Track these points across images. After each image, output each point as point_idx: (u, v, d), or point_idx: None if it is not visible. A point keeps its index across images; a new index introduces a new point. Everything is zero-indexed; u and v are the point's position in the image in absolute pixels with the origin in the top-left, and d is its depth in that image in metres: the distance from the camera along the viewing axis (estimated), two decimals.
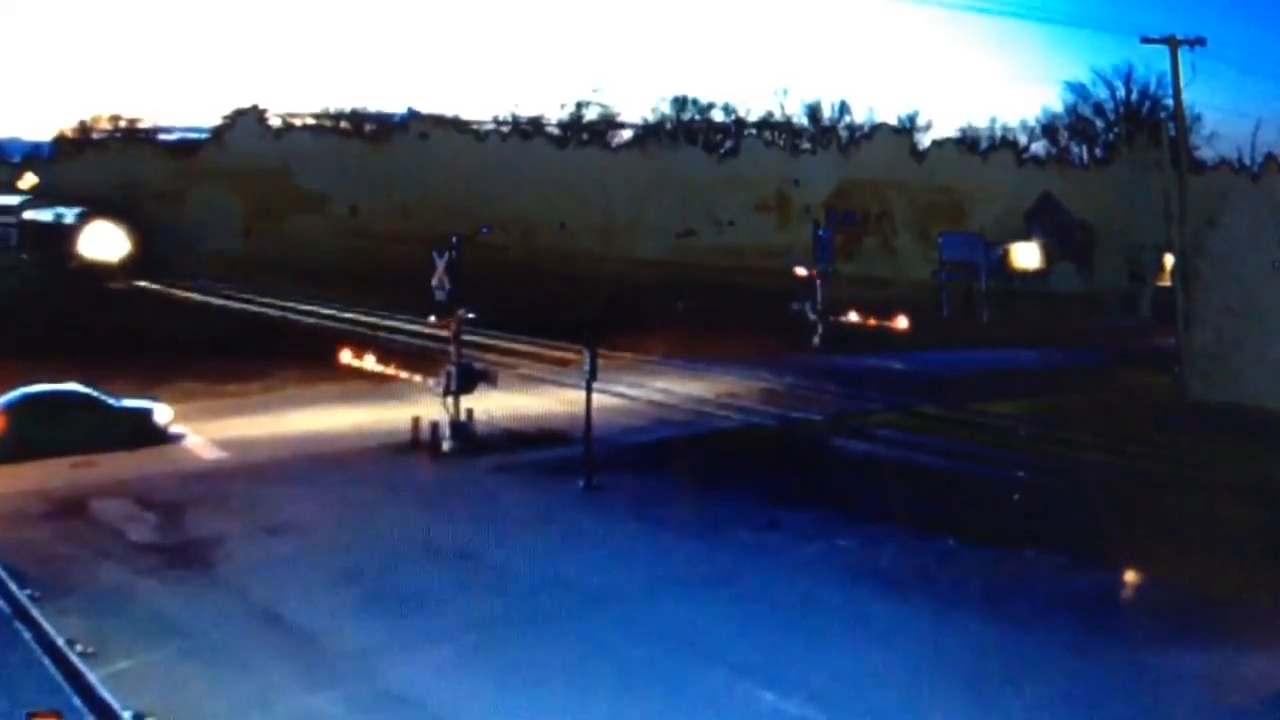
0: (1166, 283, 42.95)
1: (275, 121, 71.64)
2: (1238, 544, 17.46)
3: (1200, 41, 33.56)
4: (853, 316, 40.56)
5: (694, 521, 19.21)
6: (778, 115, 77.76)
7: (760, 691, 12.79)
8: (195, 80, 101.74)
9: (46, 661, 13.47)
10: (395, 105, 74.88)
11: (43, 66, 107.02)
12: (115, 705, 12.10)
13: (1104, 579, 16.79)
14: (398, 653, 13.80)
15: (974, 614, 15.16)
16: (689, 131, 76.83)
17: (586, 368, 22.16)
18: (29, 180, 66.86)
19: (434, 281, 24.53)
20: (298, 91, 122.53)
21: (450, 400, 23.95)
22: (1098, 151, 74.45)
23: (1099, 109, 74.30)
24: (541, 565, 16.96)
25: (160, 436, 24.22)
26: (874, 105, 79.41)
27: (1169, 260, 40.06)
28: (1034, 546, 17.69)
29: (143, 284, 51.96)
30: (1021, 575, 16.79)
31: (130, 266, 54.49)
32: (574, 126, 77.02)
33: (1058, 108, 76.89)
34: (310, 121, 73.78)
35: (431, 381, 24.67)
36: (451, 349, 24.52)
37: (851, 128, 77.39)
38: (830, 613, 15.26)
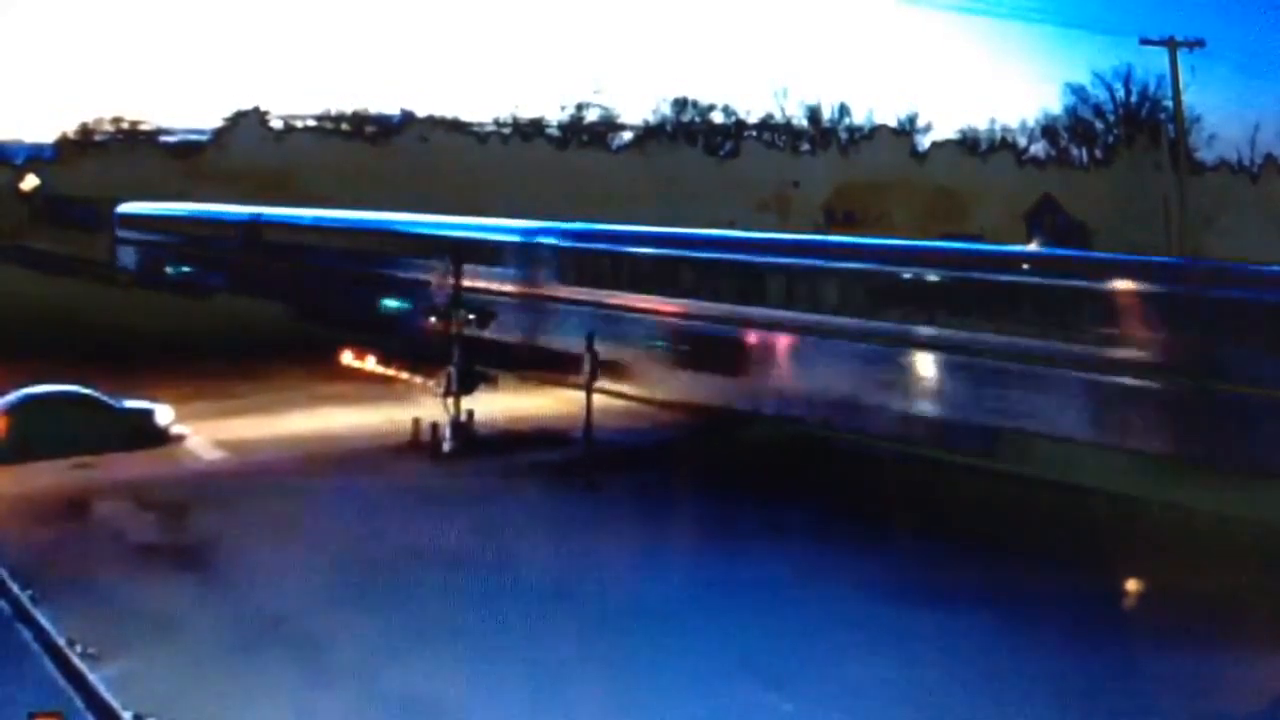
0: None
1: (277, 124, 71.88)
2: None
3: (1199, 43, 33.69)
4: None
5: (694, 521, 19.25)
6: (778, 117, 77.95)
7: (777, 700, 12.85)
8: (197, 82, 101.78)
9: (47, 662, 13.54)
10: (396, 107, 75.05)
11: (44, 69, 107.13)
12: (116, 706, 12.15)
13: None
14: (399, 655, 13.83)
15: (971, 614, 15.18)
16: (689, 133, 76.97)
17: (587, 368, 22.23)
18: (31, 182, 67.03)
19: (434, 284, 24.65)
20: (299, 93, 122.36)
21: (450, 401, 24.00)
22: (1097, 153, 74.55)
23: (1098, 110, 74.41)
24: (543, 567, 17.00)
25: (162, 437, 24.23)
26: (874, 107, 79.32)
27: None
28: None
29: None
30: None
31: None
32: (574, 128, 77.15)
33: (1057, 109, 77.03)
34: (311, 124, 74.01)
35: (432, 382, 24.73)
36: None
37: (851, 129, 77.58)
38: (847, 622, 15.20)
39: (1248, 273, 23.32)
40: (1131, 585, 16.98)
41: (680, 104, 77.74)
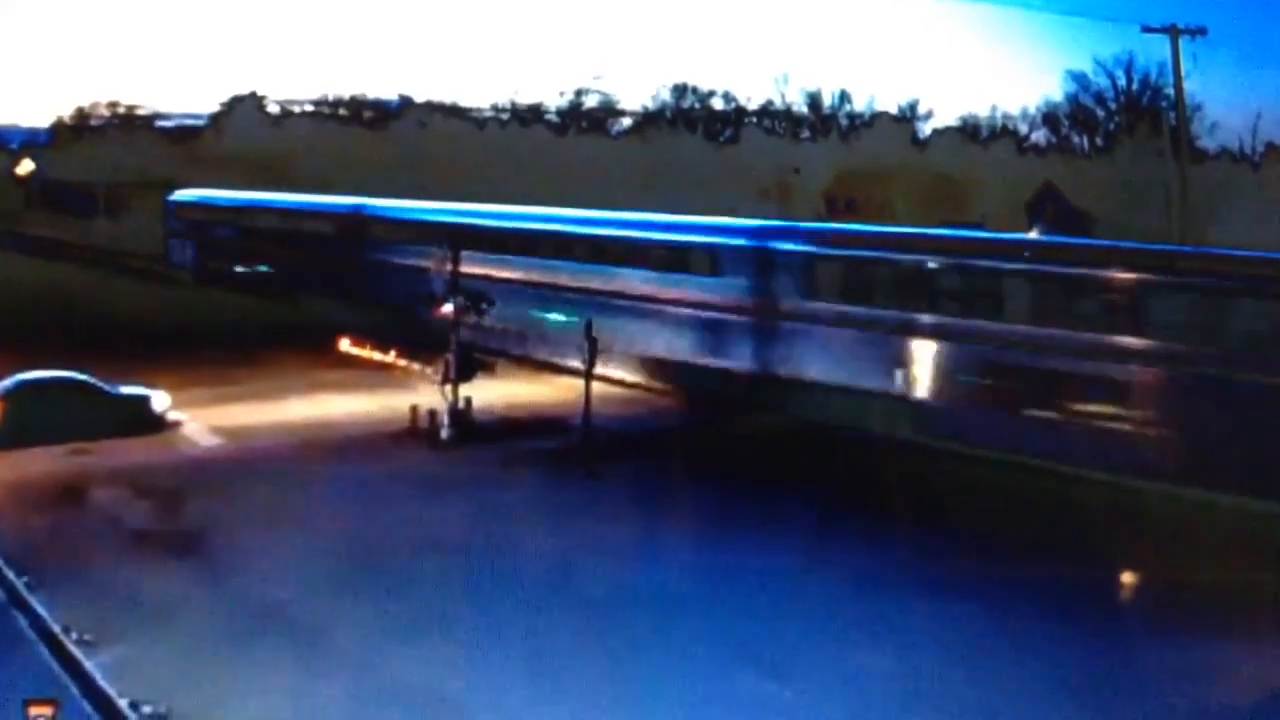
0: None
1: (274, 108, 71.64)
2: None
3: (1201, 31, 33.54)
4: None
5: (693, 510, 19.18)
6: (778, 103, 77.79)
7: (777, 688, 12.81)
8: (194, 67, 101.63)
9: (43, 649, 13.49)
10: (394, 92, 74.81)
11: (40, 53, 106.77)
12: (112, 693, 12.11)
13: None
14: (396, 642, 13.78)
15: (969, 603, 15.12)
16: (689, 119, 76.77)
17: (585, 355, 22.14)
18: (26, 166, 66.84)
19: (432, 270, 24.52)
20: (296, 78, 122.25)
21: (448, 388, 23.91)
22: (1099, 141, 74.43)
23: (1100, 98, 74.30)
24: (541, 555, 16.93)
25: (158, 423, 24.16)
26: (874, 93, 79.39)
27: None
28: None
29: None
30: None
31: None
32: (573, 114, 76.94)
33: (1059, 96, 76.93)
34: (309, 108, 73.79)
35: (430, 369, 24.64)
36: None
37: (852, 116, 77.44)
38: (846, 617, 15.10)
39: None
40: (1129, 575, 16.94)
41: (680, 90, 77.60)
